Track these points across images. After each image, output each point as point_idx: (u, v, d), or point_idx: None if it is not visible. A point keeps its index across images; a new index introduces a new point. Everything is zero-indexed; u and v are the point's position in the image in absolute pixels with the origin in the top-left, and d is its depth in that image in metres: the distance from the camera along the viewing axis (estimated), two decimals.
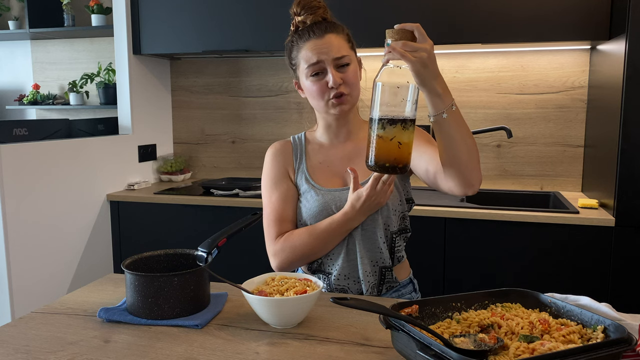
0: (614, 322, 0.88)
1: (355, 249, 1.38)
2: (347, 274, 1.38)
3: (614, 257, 2.09)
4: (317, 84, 1.34)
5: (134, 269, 1.19)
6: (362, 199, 1.28)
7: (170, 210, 2.64)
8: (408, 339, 0.86)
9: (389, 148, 1.06)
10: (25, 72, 3.56)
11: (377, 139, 1.07)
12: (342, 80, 1.33)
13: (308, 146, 1.47)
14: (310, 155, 1.46)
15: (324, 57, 1.32)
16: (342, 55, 1.34)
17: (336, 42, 1.34)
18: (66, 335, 1.08)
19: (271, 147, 1.50)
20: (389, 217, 1.37)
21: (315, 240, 1.35)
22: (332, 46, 1.33)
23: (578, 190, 2.68)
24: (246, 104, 3.14)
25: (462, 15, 2.38)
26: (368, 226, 1.37)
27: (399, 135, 1.06)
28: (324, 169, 1.43)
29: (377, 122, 1.07)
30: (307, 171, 1.43)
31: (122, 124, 2.92)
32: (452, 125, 1.13)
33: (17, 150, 2.23)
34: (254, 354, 0.99)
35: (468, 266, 2.26)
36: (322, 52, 1.32)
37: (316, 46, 1.33)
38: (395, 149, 1.06)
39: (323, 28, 1.34)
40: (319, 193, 1.39)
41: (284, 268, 1.38)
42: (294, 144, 1.48)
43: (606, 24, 2.23)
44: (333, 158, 1.44)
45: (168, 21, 2.79)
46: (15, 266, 2.22)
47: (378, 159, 1.07)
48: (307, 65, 1.34)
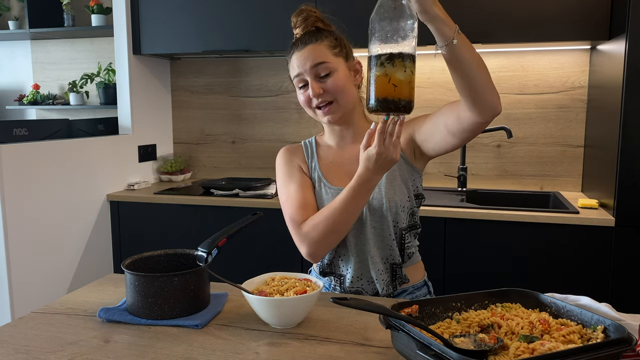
0: (614, 322, 0.88)
1: (366, 247, 1.38)
2: (360, 274, 1.39)
3: (614, 257, 2.09)
4: (302, 95, 1.36)
5: (134, 269, 1.19)
6: (373, 159, 1.18)
7: (170, 210, 2.64)
8: (408, 339, 0.86)
9: (389, 85, 1.02)
10: (25, 72, 3.56)
11: (376, 77, 1.02)
12: (322, 91, 1.32)
13: (319, 148, 1.49)
14: (321, 156, 1.47)
15: (301, 70, 1.34)
16: (319, 63, 1.32)
17: (315, 52, 1.33)
18: (66, 335, 1.08)
19: (282, 150, 1.50)
20: (397, 214, 1.37)
21: (336, 212, 1.27)
22: (309, 57, 1.32)
23: (578, 190, 2.68)
24: (246, 104, 3.14)
25: (462, 15, 2.38)
26: (377, 224, 1.37)
27: (400, 71, 1.01)
28: (336, 168, 1.44)
29: (374, 59, 1.02)
30: (320, 170, 1.44)
31: (122, 124, 2.92)
32: (464, 48, 1.08)
33: (17, 150, 2.23)
34: (254, 354, 0.99)
35: (468, 266, 2.26)
36: (300, 65, 1.33)
37: (297, 58, 1.34)
38: (397, 85, 1.01)
39: (306, 39, 1.35)
40: (329, 192, 1.40)
41: (313, 252, 1.32)
42: (304, 147, 1.50)
43: (606, 24, 2.23)
44: (343, 159, 1.44)
45: (168, 21, 2.79)
46: (15, 266, 2.22)
47: (378, 97, 1.03)
48: (292, 78, 1.37)
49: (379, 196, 1.37)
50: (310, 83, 1.33)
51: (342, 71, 1.35)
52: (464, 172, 2.66)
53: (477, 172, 2.79)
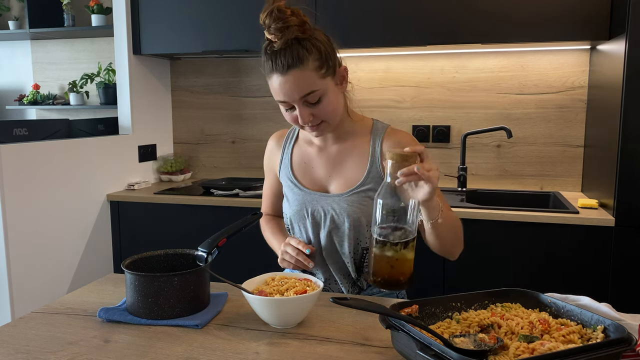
0: (614, 322, 0.88)
1: (332, 257, 1.41)
2: (328, 277, 1.44)
3: (614, 257, 2.09)
4: (288, 114, 1.29)
5: (134, 269, 1.19)
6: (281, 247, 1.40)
7: (170, 210, 2.64)
8: (408, 339, 0.86)
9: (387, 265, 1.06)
10: (25, 72, 3.56)
11: (375, 255, 1.07)
12: (312, 116, 1.27)
13: (298, 142, 1.48)
14: (295, 153, 1.47)
15: (288, 99, 1.24)
16: (310, 92, 1.23)
17: (301, 81, 1.21)
18: (66, 335, 1.08)
19: (271, 138, 1.54)
20: (360, 232, 1.36)
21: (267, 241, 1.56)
22: (294, 87, 1.21)
23: (578, 190, 2.68)
24: (246, 104, 3.14)
25: (463, 15, 2.38)
26: (338, 238, 1.38)
27: (399, 252, 1.05)
28: (308, 169, 1.44)
29: (375, 238, 1.07)
30: (290, 168, 1.45)
31: (122, 124, 2.92)
32: (445, 224, 1.19)
33: (17, 150, 2.23)
34: (254, 354, 0.99)
35: (468, 266, 2.26)
36: (286, 94, 1.23)
37: (280, 84, 1.22)
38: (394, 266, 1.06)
39: (287, 62, 1.20)
40: (298, 193, 1.41)
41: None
42: (286, 138, 1.50)
43: (606, 24, 2.23)
44: (319, 162, 1.43)
45: (168, 21, 2.79)
46: (15, 266, 2.22)
47: (376, 277, 1.07)
48: (275, 99, 1.27)
49: (342, 212, 1.35)
50: (299, 111, 1.25)
51: (331, 92, 1.27)
52: (464, 172, 2.66)
53: (477, 172, 2.79)
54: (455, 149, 2.80)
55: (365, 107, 2.89)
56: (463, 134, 2.68)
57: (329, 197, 1.38)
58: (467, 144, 2.76)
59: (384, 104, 2.88)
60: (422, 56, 2.80)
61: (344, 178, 1.38)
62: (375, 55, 2.85)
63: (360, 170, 1.37)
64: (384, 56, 2.85)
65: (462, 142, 2.68)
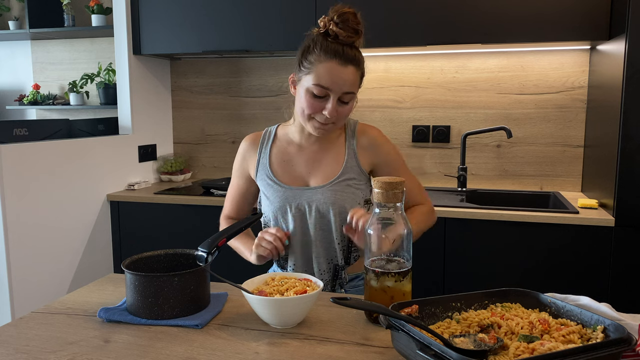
0: (613, 322, 0.88)
1: (311, 247, 1.43)
2: (304, 271, 1.45)
3: (614, 257, 2.09)
4: (313, 101, 1.33)
5: (134, 269, 1.19)
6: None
7: (170, 210, 2.64)
8: (408, 339, 0.86)
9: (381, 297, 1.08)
10: (26, 72, 3.56)
11: (370, 289, 1.09)
12: (337, 114, 1.34)
13: (276, 142, 1.50)
14: (274, 153, 1.48)
15: (334, 88, 1.31)
16: (350, 92, 1.33)
17: (353, 78, 1.32)
18: (66, 335, 1.08)
19: (244, 140, 1.54)
20: (345, 219, 1.37)
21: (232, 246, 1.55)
22: (347, 81, 1.31)
23: (578, 190, 2.68)
24: (246, 104, 3.14)
25: (462, 15, 2.38)
26: (325, 226, 1.42)
27: (393, 285, 1.07)
28: (288, 167, 1.46)
29: (370, 271, 1.08)
30: (269, 167, 1.46)
31: (122, 124, 2.92)
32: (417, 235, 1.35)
33: (17, 150, 2.23)
34: (254, 354, 0.99)
35: (468, 266, 2.26)
36: (336, 82, 1.30)
37: (334, 72, 1.30)
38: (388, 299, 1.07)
39: (351, 57, 1.31)
40: (279, 190, 1.43)
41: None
42: (262, 139, 1.51)
43: (606, 24, 2.24)
44: (298, 159, 1.46)
45: (168, 21, 2.79)
46: (15, 266, 2.22)
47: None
48: (315, 82, 1.32)
49: (326, 201, 1.40)
50: (332, 104, 1.32)
51: (354, 101, 1.38)
52: (464, 172, 2.66)
53: (477, 172, 2.79)
54: (455, 149, 2.80)
55: (365, 107, 2.90)
56: (463, 134, 2.68)
57: (311, 189, 1.42)
58: (467, 144, 2.76)
59: (383, 104, 2.88)
60: (422, 56, 2.80)
61: (323, 172, 1.43)
62: (375, 55, 2.86)
63: (338, 164, 1.44)
64: (383, 56, 2.85)
65: (462, 142, 2.68)
